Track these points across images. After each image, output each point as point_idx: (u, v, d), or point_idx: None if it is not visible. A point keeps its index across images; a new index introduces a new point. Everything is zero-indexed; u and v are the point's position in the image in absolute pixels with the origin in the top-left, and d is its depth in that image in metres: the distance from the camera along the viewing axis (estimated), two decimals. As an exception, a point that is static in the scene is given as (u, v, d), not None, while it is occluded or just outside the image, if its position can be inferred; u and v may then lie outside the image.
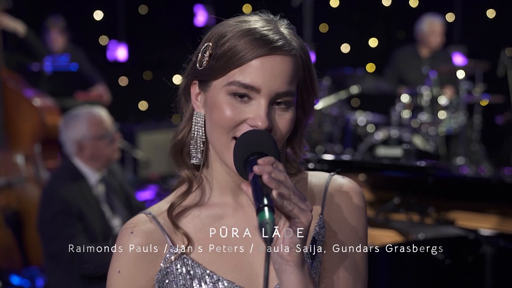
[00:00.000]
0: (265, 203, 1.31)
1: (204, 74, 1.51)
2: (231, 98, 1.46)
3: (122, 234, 1.56)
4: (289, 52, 1.47)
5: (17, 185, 4.99)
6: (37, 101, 5.11)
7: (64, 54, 7.48)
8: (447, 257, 3.02)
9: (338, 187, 1.59)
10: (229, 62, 1.46)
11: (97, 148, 3.97)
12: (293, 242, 1.36)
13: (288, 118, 1.48)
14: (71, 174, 3.94)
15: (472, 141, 7.46)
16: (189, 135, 1.56)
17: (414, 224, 3.47)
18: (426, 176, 3.32)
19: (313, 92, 1.55)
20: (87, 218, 3.81)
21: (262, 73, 1.44)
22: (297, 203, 1.35)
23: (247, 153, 1.41)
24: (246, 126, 1.45)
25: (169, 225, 1.55)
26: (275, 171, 1.35)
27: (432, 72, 7.08)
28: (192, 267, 1.51)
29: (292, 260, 1.38)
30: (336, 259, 1.54)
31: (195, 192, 1.57)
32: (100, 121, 4.02)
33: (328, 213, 1.56)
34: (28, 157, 5.03)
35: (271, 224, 1.28)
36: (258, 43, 1.45)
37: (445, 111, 7.07)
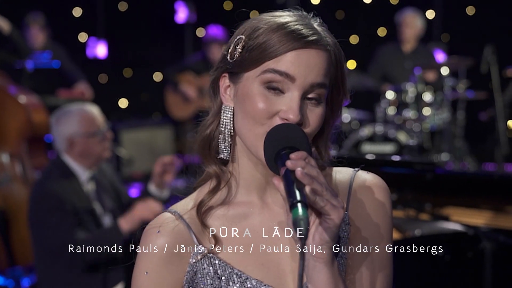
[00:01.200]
0: (298, 199, 1.29)
1: (236, 66, 1.49)
2: (264, 89, 1.44)
3: (148, 234, 1.52)
4: (324, 48, 1.46)
5: (3, 184, 4.92)
6: (23, 99, 5.04)
7: (45, 51, 7.40)
8: (446, 253, 3.02)
9: (363, 182, 1.56)
10: (263, 54, 1.44)
11: (88, 145, 3.91)
12: (324, 239, 1.35)
13: (319, 113, 1.46)
14: (62, 171, 3.88)
15: (456, 137, 7.52)
16: (217, 130, 1.54)
17: (410, 220, 3.47)
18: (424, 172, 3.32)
19: (343, 91, 1.53)
20: (80, 214, 3.77)
21: (297, 63, 1.43)
22: (330, 199, 1.33)
23: (278, 147, 1.39)
24: (277, 119, 1.43)
25: (195, 223, 1.52)
26: (308, 166, 1.33)
27: (416, 68, 7.12)
28: (220, 267, 1.49)
29: (322, 257, 1.37)
30: (361, 255, 1.52)
31: (223, 190, 1.55)
32: (92, 118, 3.97)
33: (353, 209, 1.55)
34: (14, 155, 4.96)
35: (305, 221, 1.27)
36: (293, 37, 1.44)
37: (429, 108, 7.11)
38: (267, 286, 1.48)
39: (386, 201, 1.56)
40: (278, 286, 1.48)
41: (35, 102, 5.17)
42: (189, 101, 8.11)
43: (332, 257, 1.38)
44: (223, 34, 8.04)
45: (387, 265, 1.54)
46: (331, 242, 1.36)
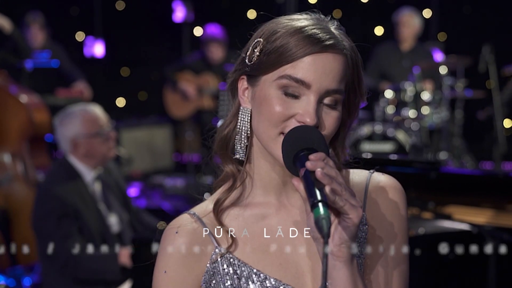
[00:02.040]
0: (319, 199, 1.32)
1: (253, 68, 1.51)
2: (281, 93, 1.47)
3: (167, 234, 1.55)
4: (341, 51, 1.48)
5: (4, 183, 4.92)
6: (24, 98, 5.04)
7: (44, 51, 7.40)
8: (450, 252, 3.03)
9: (378, 184, 1.59)
10: (280, 58, 1.46)
11: (92, 146, 3.92)
12: (343, 238, 1.38)
13: (335, 116, 1.48)
14: (67, 172, 3.89)
15: (454, 136, 7.54)
16: (234, 131, 1.56)
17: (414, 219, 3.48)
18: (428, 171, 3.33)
19: (359, 93, 1.55)
20: (83, 217, 3.76)
21: (313, 69, 1.45)
22: (348, 199, 1.35)
23: (297, 148, 1.41)
24: (294, 122, 1.45)
25: (213, 225, 1.55)
26: (326, 167, 1.36)
27: (415, 67, 7.14)
28: (239, 267, 1.51)
29: (342, 256, 1.39)
30: (377, 255, 1.54)
31: (238, 189, 1.57)
32: (94, 118, 3.97)
33: (369, 210, 1.57)
34: (15, 154, 4.96)
35: (327, 220, 1.30)
36: (310, 41, 1.46)
37: (428, 107, 7.13)
38: (286, 285, 1.50)
39: (401, 202, 1.59)
40: (297, 286, 1.50)
41: (36, 102, 5.18)
42: (188, 100, 8.11)
43: (352, 256, 1.40)
44: (221, 33, 8.05)
45: (403, 265, 1.56)
46: (350, 241, 1.38)
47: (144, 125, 9.21)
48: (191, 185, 7.95)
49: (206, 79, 7.95)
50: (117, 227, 3.96)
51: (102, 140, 3.95)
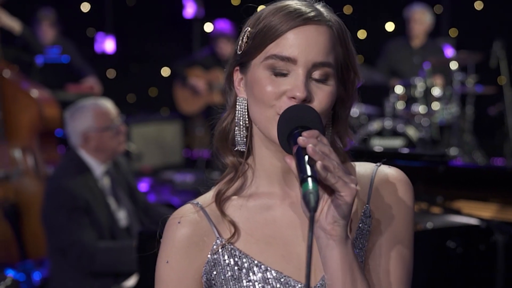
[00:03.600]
0: (309, 174, 1.30)
1: (243, 56, 1.52)
2: (269, 73, 1.47)
3: (170, 224, 1.55)
4: (324, 23, 1.48)
5: (15, 178, 4.94)
6: (35, 93, 5.06)
7: (55, 46, 7.43)
8: (458, 246, 3.02)
9: (385, 176, 1.57)
10: (265, 38, 1.47)
11: (102, 139, 3.92)
12: (336, 216, 1.35)
13: (328, 90, 1.47)
14: (77, 166, 3.89)
15: (465, 132, 7.52)
16: (232, 122, 1.56)
17: (422, 213, 3.48)
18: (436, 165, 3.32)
19: (353, 69, 1.53)
20: (93, 211, 3.77)
21: (297, 43, 1.45)
22: (342, 176, 1.33)
23: (291, 127, 1.41)
24: (285, 99, 1.45)
25: (216, 215, 1.54)
26: (319, 144, 1.34)
27: (425, 63, 7.12)
28: (240, 258, 1.50)
29: (336, 235, 1.37)
30: (380, 247, 1.52)
31: (241, 180, 1.57)
32: (105, 112, 3.98)
33: (374, 202, 1.55)
34: (26, 149, 4.98)
35: (315, 194, 1.27)
36: (291, 16, 1.46)
37: (438, 102, 7.11)
38: (287, 277, 1.48)
39: (407, 195, 1.56)
40: (298, 278, 1.49)
41: (47, 97, 5.19)
42: (198, 95, 8.12)
43: (346, 236, 1.38)
44: (230, 28, 8.05)
45: (408, 257, 1.54)
46: (344, 220, 1.36)
47: (154, 121, 9.23)
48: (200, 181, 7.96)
49: (216, 74, 7.96)
50: (125, 221, 3.96)
51: (113, 134, 3.95)
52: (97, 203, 3.82)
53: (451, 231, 3.11)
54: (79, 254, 3.67)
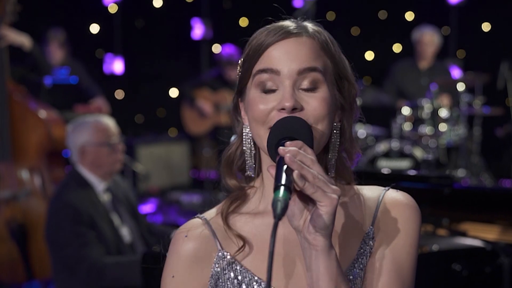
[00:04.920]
0: (282, 183, 1.32)
1: (239, 83, 1.57)
2: (259, 91, 1.50)
3: (177, 238, 1.56)
4: (304, 34, 1.51)
5: (22, 198, 4.95)
6: (43, 113, 5.08)
7: (63, 67, 7.47)
8: (464, 268, 3.01)
9: (391, 200, 1.58)
10: (252, 59, 1.52)
11: (99, 155, 3.97)
12: (317, 226, 1.36)
13: (320, 96, 1.49)
14: (78, 182, 3.93)
15: (472, 153, 7.50)
16: (238, 149, 1.61)
17: (428, 235, 3.47)
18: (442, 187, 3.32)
19: (346, 79, 1.56)
20: (98, 226, 3.78)
21: (278, 56, 1.49)
22: (321, 186, 1.34)
23: (278, 138, 1.43)
24: (275, 112, 1.48)
25: (221, 229, 1.56)
26: (300, 154, 1.36)
27: (432, 84, 7.12)
28: (240, 273, 1.51)
29: (318, 245, 1.37)
30: (379, 269, 1.52)
31: (248, 199, 1.60)
32: (104, 128, 4.03)
33: (379, 225, 1.55)
34: (33, 169, 4.99)
35: (283, 202, 1.29)
36: (272, 33, 1.50)
37: (445, 124, 7.10)
38: None
39: (413, 220, 1.56)
40: None
41: (55, 117, 5.21)
42: (205, 116, 8.15)
43: (329, 246, 1.38)
44: (237, 54, 8.09)
45: (409, 281, 1.53)
46: (325, 230, 1.36)
47: (162, 142, 9.25)
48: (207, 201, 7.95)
49: (223, 95, 7.98)
50: (129, 238, 3.99)
51: (109, 151, 3.99)
52: (101, 218, 3.84)
53: (456, 253, 3.09)
54: (88, 270, 3.67)
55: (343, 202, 1.57)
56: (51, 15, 9.39)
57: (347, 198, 1.59)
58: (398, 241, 1.53)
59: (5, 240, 4.90)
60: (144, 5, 10.55)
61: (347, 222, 1.56)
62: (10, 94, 5.04)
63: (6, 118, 4.96)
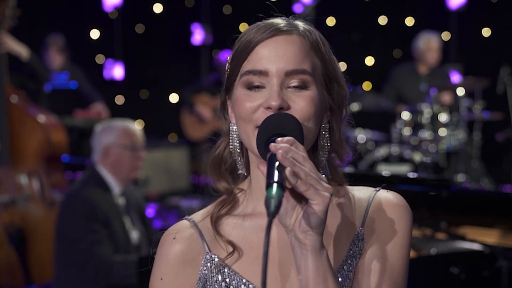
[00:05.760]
0: (275, 180, 1.29)
1: (227, 81, 1.55)
2: (246, 90, 1.48)
3: (165, 240, 1.54)
4: (294, 32, 1.49)
5: (21, 203, 4.95)
6: (42, 118, 5.08)
7: (63, 72, 7.48)
8: (462, 272, 3.00)
9: (382, 201, 1.55)
10: (239, 58, 1.50)
11: (121, 157, 4.07)
12: (309, 224, 1.33)
13: (307, 95, 1.47)
14: (96, 181, 4.03)
15: (472, 158, 7.49)
16: (226, 149, 1.58)
17: (426, 239, 3.46)
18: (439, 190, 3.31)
19: (335, 80, 1.54)
20: (111, 226, 3.87)
21: (266, 55, 1.46)
22: (314, 184, 1.31)
23: (268, 135, 1.40)
24: (261, 110, 1.46)
25: (209, 232, 1.54)
26: (292, 151, 1.33)
27: (432, 89, 7.12)
28: (228, 275, 1.49)
29: (309, 244, 1.34)
30: (372, 270, 1.49)
31: (237, 202, 1.57)
32: (131, 133, 4.16)
33: (369, 226, 1.53)
34: (32, 174, 4.99)
35: (276, 199, 1.26)
36: (261, 30, 1.48)
37: (445, 128, 7.10)
38: None
39: (403, 220, 1.54)
40: None
41: (54, 122, 5.21)
42: (204, 122, 8.15)
43: (320, 245, 1.36)
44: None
45: (401, 281, 1.51)
46: (316, 229, 1.34)
47: (161, 147, 9.25)
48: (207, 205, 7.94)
49: (222, 101, 7.98)
50: (137, 241, 4.07)
51: (131, 155, 4.10)
52: (115, 219, 3.92)
53: (455, 257, 3.09)
54: (97, 267, 3.73)
55: (333, 203, 1.55)
56: (51, 20, 9.40)
57: (337, 199, 1.56)
58: (388, 241, 1.51)
59: (4, 245, 4.89)
60: (144, 11, 10.56)
61: (337, 223, 1.53)
62: (8, 98, 5.04)
63: (5, 122, 4.96)
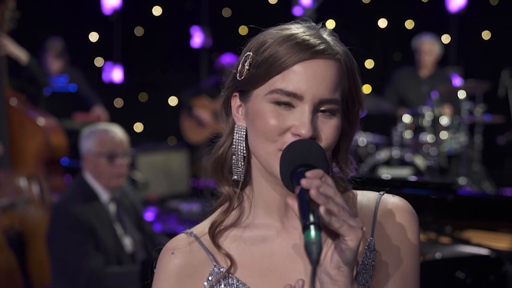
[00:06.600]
0: (311, 221, 1.23)
1: (245, 84, 1.45)
2: (274, 105, 1.40)
3: (163, 255, 1.50)
4: (333, 56, 1.41)
5: (20, 206, 4.92)
6: (42, 121, 5.05)
7: (62, 75, 7.46)
8: (468, 276, 2.97)
9: (388, 206, 1.50)
10: (270, 69, 1.40)
11: (97, 164, 3.94)
12: (341, 261, 1.28)
13: (333, 125, 1.41)
14: (84, 191, 3.93)
15: (473, 161, 7.48)
16: (229, 150, 1.50)
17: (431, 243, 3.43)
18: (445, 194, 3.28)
19: (358, 101, 1.48)
20: (99, 235, 3.78)
21: (304, 79, 1.38)
22: (347, 220, 1.26)
23: (294, 164, 1.34)
24: (289, 135, 1.39)
25: (212, 245, 1.49)
26: (323, 186, 1.27)
27: (433, 92, 7.10)
28: (237, 287, 1.45)
29: (341, 281, 1.29)
30: (388, 280, 1.45)
31: (237, 211, 1.51)
32: (107, 139, 3.99)
33: (379, 235, 1.48)
34: (32, 177, 4.96)
35: (317, 244, 1.20)
36: (299, 48, 1.39)
37: (446, 132, 7.08)
38: None
39: (411, 225, 1.49)
40: None
41: (54, 125, 5.19)
42: (203, 125, 8.13)
43: (352, 280, 1.31)
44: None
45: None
46: (349, 264, 1.29)
47: (161, 150, 9.23)
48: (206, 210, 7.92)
49: (222, 104, 7.96)
50: (131, 248, 3.97)
51: (107, 163, 3.94)
52: (104, 228, 3.83)
53: (460, 261, 3.06)
54: (88, 280, 3.67)
55: None
56: (50, 22, 9.37)
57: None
58: (401, 249, 1.47)
59: (3, 249, 4.86)
60: (144, 14, 10.53)
61: None
62: (8, 101, 5.01)
63: (4, 125, 4.93)
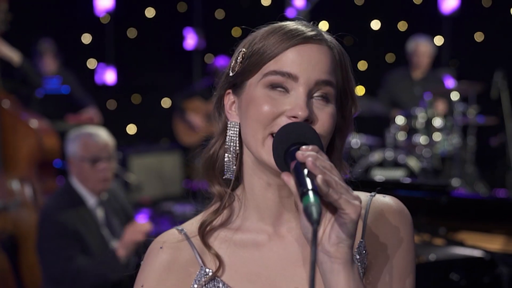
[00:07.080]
0: (309, 187, 1.21)
1: (238, 76, 1.44)
2: (268, 90, 1.39)
3: (152, 248, 1.48)
4: (325, 43, 1.41)
5: (13, 209, 4.89)
6: (34, 123, 5.03)
7: (55, 77, 7.43)
8: (462, 278, 2.98)
9: (380, 207, 1.47)
10: (262, 56, 1.40)
11: (81, 169, 3.90)
12: (340, 237, 1.26)
13: (329, 112, 1.39)
14: (69, 194, 3.90)
15: (467, 163, 7.49)
16: (221, 149, 1.49)
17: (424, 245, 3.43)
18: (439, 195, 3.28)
19: (351, 96, 1.47)
20: (85, 240, 3.77)
21: (299, 60, 1.38)
22: (344, 193, 1.24)
23: (288, 143, 1.32)
24: (284, 118, 1.37)
25: (201, 245, 1.47)
26: (320, 159, 1.25)
27: (426, 93, 7.11)
28: None
29: (340, 258, 1.26)
30: (381, 282, 1.43)
31: (227, 211, 1.49)
32: (90, 144, 3.93)
33: (369, 237, 1.45)
34: (24, 180, 4.94)
35: (317, 206, 1.17)
36: (291, 34, 1.40)
37: (439, 133, 7.09)
38: None
39: (404, 225, 1.46)
40: None
41: (46, 127, 5.17)
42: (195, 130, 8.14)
43: (351, 258, 1.28)
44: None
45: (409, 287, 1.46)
46: (349, 240, 1.26)
47: (154, 152, 9.21)
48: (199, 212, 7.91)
49: (215, 106, 7.96)
50: None
51: (90, 167, 3.89)
52: (90, 232, 3.81)
53: (454, 263, 3.07)
54: (73, 280, 3.67)
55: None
56: (43, 24, 9.34)
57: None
58: (394, 250, 1.44)
59: (-5, 252, 4.84)
60: (137, 15, 10.51)
61: None
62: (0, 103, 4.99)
63: (-3, 127, 4.91)
